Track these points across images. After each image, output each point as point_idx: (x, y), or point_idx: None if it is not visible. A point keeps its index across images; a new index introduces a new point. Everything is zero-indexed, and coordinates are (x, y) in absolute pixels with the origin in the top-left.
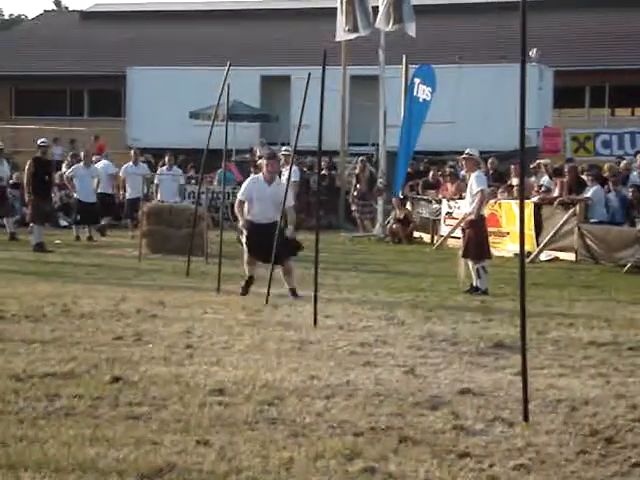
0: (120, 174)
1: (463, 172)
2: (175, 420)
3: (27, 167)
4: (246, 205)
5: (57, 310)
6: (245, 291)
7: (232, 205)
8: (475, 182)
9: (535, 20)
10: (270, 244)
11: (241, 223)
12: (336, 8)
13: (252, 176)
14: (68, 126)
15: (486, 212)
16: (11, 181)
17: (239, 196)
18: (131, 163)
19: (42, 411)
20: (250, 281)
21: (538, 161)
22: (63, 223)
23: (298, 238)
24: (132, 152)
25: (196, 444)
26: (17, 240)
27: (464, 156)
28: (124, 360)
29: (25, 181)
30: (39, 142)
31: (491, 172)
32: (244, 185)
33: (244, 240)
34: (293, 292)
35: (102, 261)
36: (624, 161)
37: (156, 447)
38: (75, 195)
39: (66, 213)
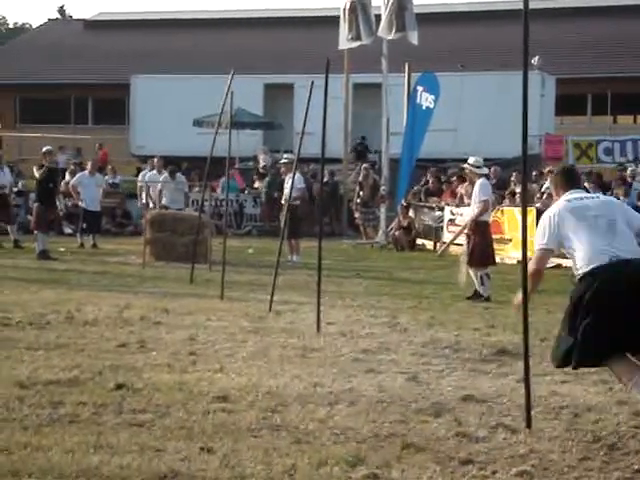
0: (159, 186)
1: None
2: (179, 427)
3: (40, 175)
4: None
5: (61, 317)
6: None
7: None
8: (480, 190)
9: (537, 28)
10: None
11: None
12: (339, 16)
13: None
14: (72, 134)
15: (490, 219)
16: (15, 189)
17: (543, 245)
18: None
19: (46, 418)
20: None
21: (548, 168)
22: (67, 231)
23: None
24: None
25: (200, 451)
26: (21, 247)
27: (470, 169)
28: (128, 367)
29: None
30: (44, 150)
31: (494, 180)
32: (545, 228)
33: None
34: None
35: (106, 268)
36: (630, 169)
37: (160, 454)
38: (80, 203)
39: (70, 221)
